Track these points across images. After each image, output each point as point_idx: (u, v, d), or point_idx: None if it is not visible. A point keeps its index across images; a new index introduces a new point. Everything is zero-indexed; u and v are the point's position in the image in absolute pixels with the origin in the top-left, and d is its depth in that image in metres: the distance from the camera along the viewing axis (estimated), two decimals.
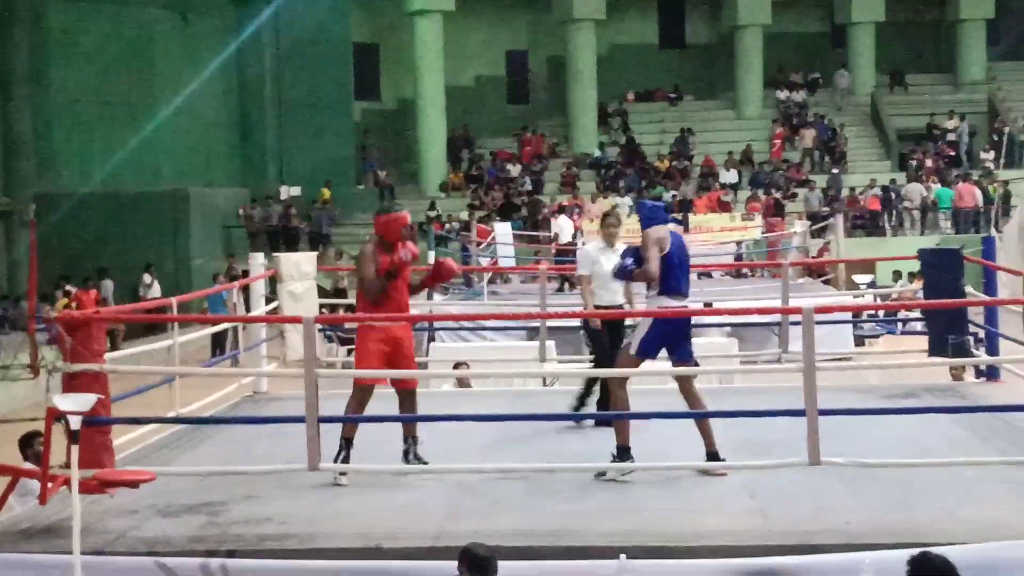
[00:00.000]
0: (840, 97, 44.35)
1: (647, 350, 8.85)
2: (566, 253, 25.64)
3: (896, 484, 8.05)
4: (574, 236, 28.15)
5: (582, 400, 10.60)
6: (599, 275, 10.44)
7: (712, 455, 8.65)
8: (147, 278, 30.82)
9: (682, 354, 8.96)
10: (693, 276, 11.19)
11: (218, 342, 24.02)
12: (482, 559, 6.11)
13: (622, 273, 9.28)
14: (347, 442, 8.64)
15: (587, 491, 8.22)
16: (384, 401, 9.14)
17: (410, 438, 8.83)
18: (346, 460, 8.56)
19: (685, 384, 8.96)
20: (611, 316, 10.29)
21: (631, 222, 34.48)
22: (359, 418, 8.74)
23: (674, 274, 8.96)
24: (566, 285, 23.69)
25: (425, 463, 8.71)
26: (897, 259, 24.32)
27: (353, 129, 40.44)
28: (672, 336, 8.89)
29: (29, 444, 9.54)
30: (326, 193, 38.04)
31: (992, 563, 6.58)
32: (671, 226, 9.35)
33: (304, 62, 38.61)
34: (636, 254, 9.12)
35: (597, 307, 10.43)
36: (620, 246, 10.43)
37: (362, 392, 8.82)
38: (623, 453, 8.58)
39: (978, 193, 35.30)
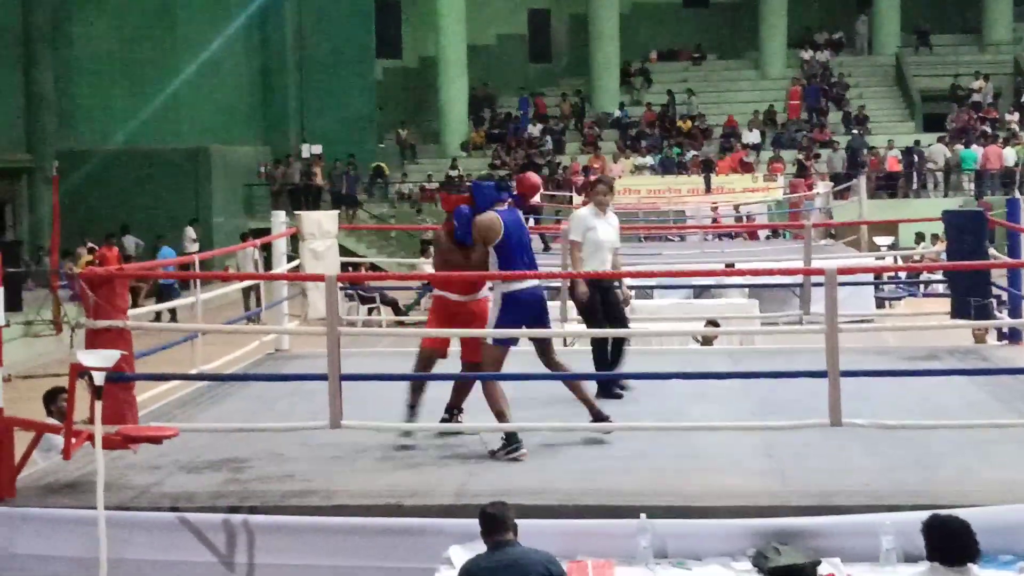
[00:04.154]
0: (861, 45, 44.25)
1: (504, 338, 8.50)
2: None
3: (916, 446, 8.04)
4: None
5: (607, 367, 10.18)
6: (591, 242, 10.07)
7: (597, 416, 8.52)
8: (191, 232, 30.97)
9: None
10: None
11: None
12: (500, 518, 6.13)
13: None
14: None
15: (607, 450, 8.24)
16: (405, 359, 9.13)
17: (455, 410, 8.78)
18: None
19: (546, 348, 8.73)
20: (597, 276, 10.00)
21: (652, 182, 34.52)
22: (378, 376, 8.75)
23: (510, 258, 8.45)
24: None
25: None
26: (920, 220, 24.22)
27: (375, 87, 40.37)
28: (526, 318, 8.46)
29: (53, 400, 9.60)
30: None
31: (1010, 525, 6.57)
32: (508, 203, 8.66)
33: (326, 20, 38.56)
34: (468, 220, 8.54)
35: (599, 282, 10.04)
36: (611, 213, 10.35)
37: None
38: (511, 438, 8.19)
39: (1006, 154, 35.01)
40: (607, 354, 10.14)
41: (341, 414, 7.76)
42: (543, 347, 8.72)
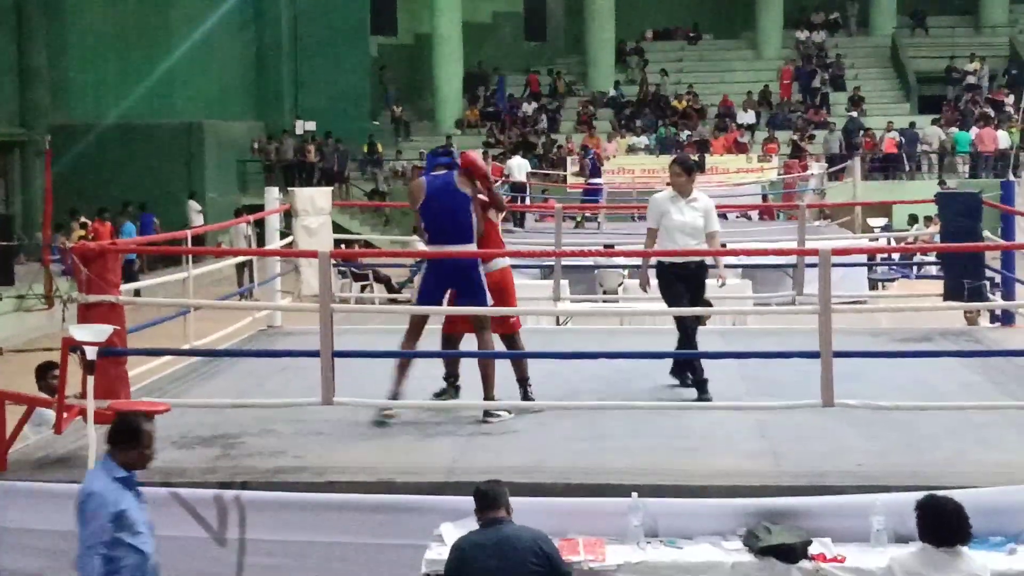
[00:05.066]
0: (853, 25, 44.39)
1: (427, 298, 8.60)
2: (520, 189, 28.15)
3: (908, 427, 8.06)
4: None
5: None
6: (667, 228, 9.43)
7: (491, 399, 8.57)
8: (195, 205, 30.98)
9: (470, 300, 8.53)
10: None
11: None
12: (493, 495, 6.14)
13: None
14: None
15: (600, 429, 8.24)
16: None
17: (527, 383, 8.89)
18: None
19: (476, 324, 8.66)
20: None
21: (647, 162, 34.59)
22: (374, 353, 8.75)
23: (433, 223, 8.58)
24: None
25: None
26: (914, 202, 24.22)
27: (369, 64, 40.24)
28: (447, 281, 8.54)
29: (44, 374, 9.57)
30: None
31: (1001, 507, 6.59)
32: (442, 171, 8.69)
33: None
34: None
35: (661, 264, 9.37)
36: (699, 194, 9.59)
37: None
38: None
39: (1000, 136, 35.00)
40: (693, 340, 9.37)
41: (333, 390, 7.76)
42: (475, 321, 8.69)
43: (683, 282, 9.31)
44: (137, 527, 5.98)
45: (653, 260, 9.43)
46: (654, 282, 9.43)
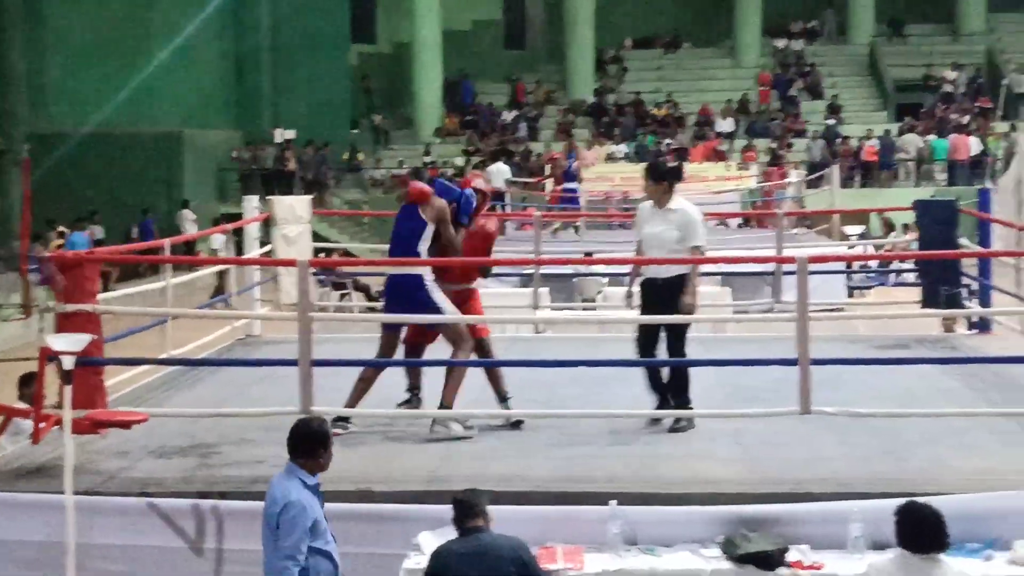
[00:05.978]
0: (831, 35, 44.57)
1: (389, 323, 8.87)
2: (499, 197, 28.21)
3: (886, 434, 8.09)
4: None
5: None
6: (645, 241, 8.82)
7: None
8: (189, 214, 30.93)
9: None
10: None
11: None
12: (470, 504, 6.13)
13: None
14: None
15: (578, 438, 8.25)
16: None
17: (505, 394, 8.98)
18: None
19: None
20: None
21: (626, 169, 34.61)
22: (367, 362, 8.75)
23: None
24: None
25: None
26: (891, 210, 24.31)
27: (349, 72, 40.18)
28: (393, 300, 8.73)
29: (27, 384, 9.54)
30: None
31: (980, 513, 6.61)
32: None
33: (301, 5, 38.32)
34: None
35: (646, 280, 8.80)
36: (681, 204, 8.74)
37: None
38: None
39: (973, 144, 35.13)
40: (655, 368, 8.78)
41: (312, 399, 7.75)
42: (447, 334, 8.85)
43: (653, 299, 8.73)
44: (327, 534, 6.03)
45: (638, 274, 9.01)
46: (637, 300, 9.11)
